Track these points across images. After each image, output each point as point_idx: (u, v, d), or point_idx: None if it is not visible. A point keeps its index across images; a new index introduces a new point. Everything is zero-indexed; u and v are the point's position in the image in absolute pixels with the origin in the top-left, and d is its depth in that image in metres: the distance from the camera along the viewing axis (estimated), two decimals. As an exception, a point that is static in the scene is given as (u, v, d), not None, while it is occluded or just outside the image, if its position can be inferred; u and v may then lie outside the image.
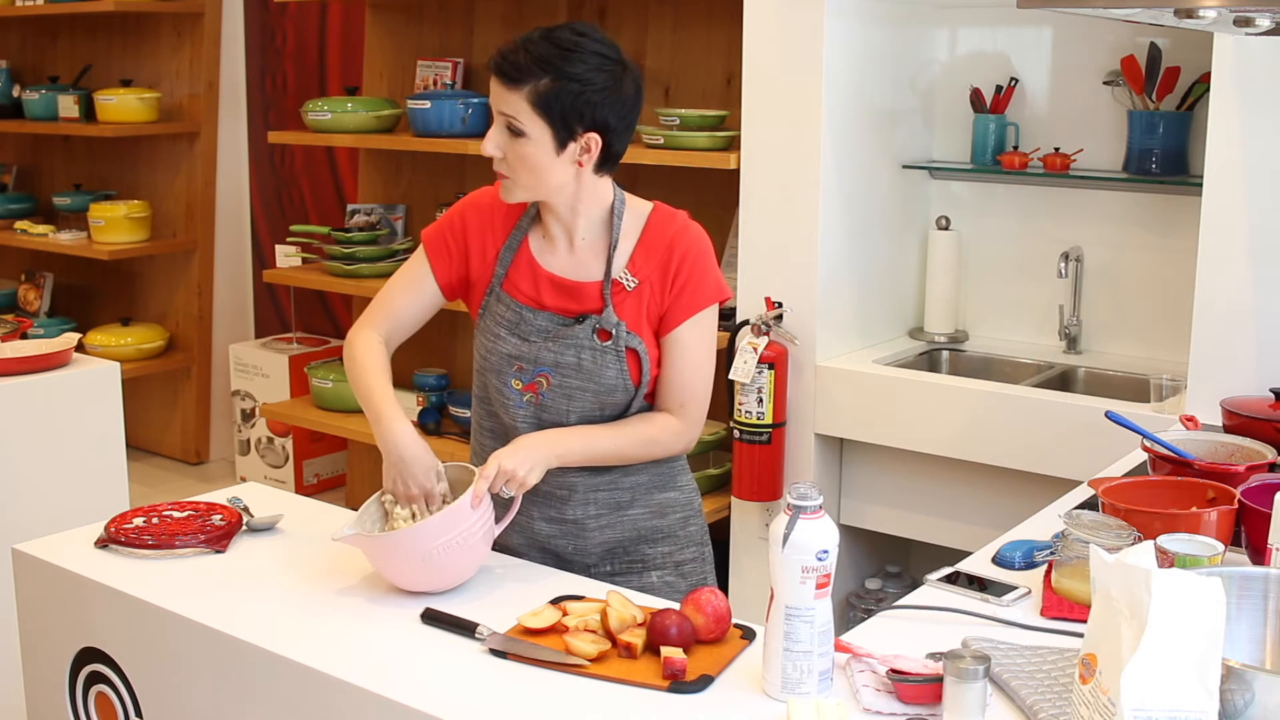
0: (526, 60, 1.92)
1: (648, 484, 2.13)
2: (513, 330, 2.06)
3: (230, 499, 2.21)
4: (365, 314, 2.15)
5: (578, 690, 1.60)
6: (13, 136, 6.02)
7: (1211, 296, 2.69)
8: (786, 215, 3.25)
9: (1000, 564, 1.96)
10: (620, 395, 2.05)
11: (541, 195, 2.02)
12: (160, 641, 1.86)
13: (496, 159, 1.99)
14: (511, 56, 1.94)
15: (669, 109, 3.68)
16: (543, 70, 1.92)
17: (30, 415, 3.08)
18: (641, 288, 2.04)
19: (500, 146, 1.97)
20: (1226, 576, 1.50)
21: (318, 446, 5.08)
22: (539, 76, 1.92)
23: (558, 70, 1.92)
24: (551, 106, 1.92)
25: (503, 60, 1.95)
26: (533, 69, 1.92)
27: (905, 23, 3.44)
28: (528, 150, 1.95)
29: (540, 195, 2.02)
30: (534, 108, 1.93)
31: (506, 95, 1.94)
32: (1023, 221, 3.51)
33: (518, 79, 1.93)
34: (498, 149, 1.97)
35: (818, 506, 1.52)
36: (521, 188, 2.00)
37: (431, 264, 2.12)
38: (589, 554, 2.12)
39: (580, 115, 1.94)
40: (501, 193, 2.03)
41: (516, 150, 1.96)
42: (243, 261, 5.60)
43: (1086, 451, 2.76)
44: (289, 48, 5.29)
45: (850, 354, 3.38)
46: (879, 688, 1.55)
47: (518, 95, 1.93)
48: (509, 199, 2.03)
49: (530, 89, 1.92)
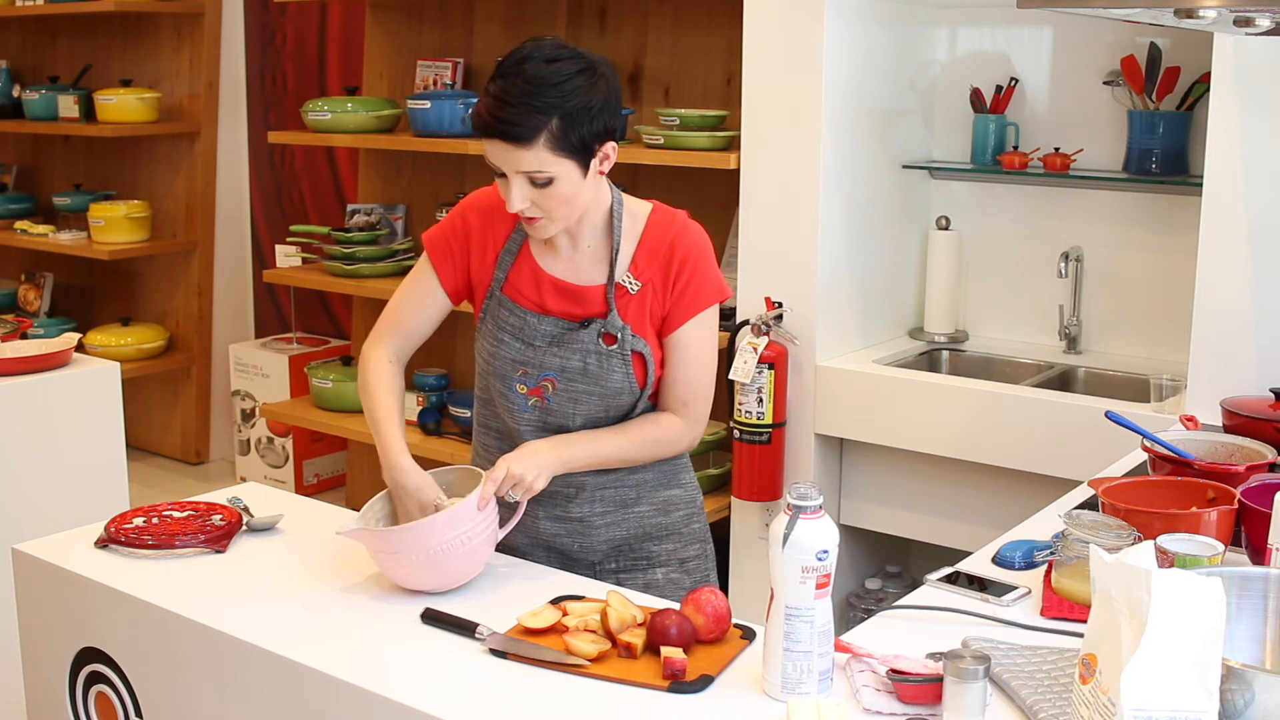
0: (527, 113, 1.87)
1: (653, 481, 2.14)
2: (517, 335, 2.06)
3: (230, 499, 2.21)
4: (376, 328, 2.15)
5: (578, 690, 1.60)
6: (13, 136, 6.02)
7: (1211, 296, 2.69)
8: (786, 215, 3.25)
9: (1000, 564, 1.96)
10: (626, 398, 2.05)
11: (576, 217, 2.00)
12: (160, 641, 1.87)
13: (525, 211, 1.95)
14: (509, 116, 1.87)
15: (669, 109, 3.68)
16: (548, 114, 1.88)
17: (30, 415, 3.08)
18: (644, 290, 2.04)
19: (528, 199, 1.94)
20: (1226, 576, 1.50)
21: (318, 446, 5.08)
22: (547, 121, 1.88)
23: (561, 108, 1.88)
24: (570, 141, 1.90)
25: (501, 124, 1.88)
26: (538, 119, 1.87)
27: (905, 23, 3.44)
28: (558, 190, 1.93)
29: (575, 218, 2.00)
30: (555, 153, 1.90)
31: (521, 155, 1.89)
32: (1023, 221, 3.51)
33: (529, 137, 1.88)
34: (525, 201, 1.94)
35: (818, 506, 1.52)
36: (559, 222, 1.98)
37: (436, 270, 2.12)
38: (594, 551, 2.13)
39: (595, 134, 1.93)
40: (536, 233, 2.00)
41: (547, 195, 1.93)
42: (243, 261, 5.60)
43: (1086, 451, 2.76)
44: (289, 48, 5.29)
45: (850, 354, 3.38)
46: (879, 688, 1.55)
47: (534, 150, 1.89)
48: (545, 235, 2.00)
49: (545, 138, 1.88)
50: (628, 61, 4.09)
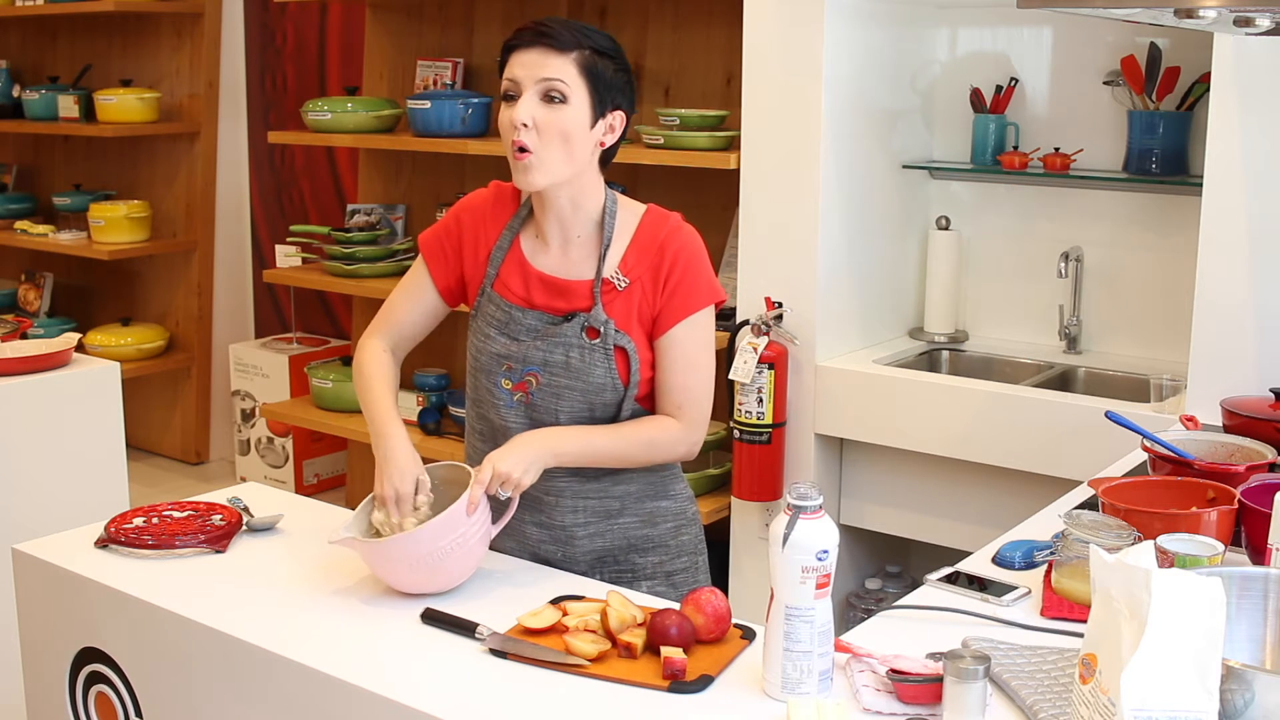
0: (568, 30, 1.97)
1: (638, 493, 2.12)
2: (502, 330, 2.06)
3: (230, 499, 2.21)
4: (372, 323, 2.16)
5: (578, 690, 1.60)
6: (13, 136, 6.02)
7: (1211, 296, 2.69)
8: (786, 215, 3.25)
9: (1000, 564, 1.96)
10: (609, 395, 2.03)
11: (564, 175, 1.98)
12: (160, 641, 1.87)
13: (522, 133, 1.95)
14: (549, 28, 1.96)
15: (669, 109, 3.68)
16: (584, 41, 1.97)
17: (30, 415, 3.08)
18: (632, 288, 2.03)
19: (533, 115, 1.95)
20: (1226, 576, 1.50)
21: (318, 446, 5.08)
22: (584, 44, 1.96)
23: (596, 44, 1.98)
24: (597, 75, 1.97)
25: (542, 29, 1.96)
26: (578, 35, 1.97)
27: (905, 23, 3.44)
28: (566, 117, 1.95)
29: (563, 175, 1.98)
30: (581, 72, 1.96)
31: (550, 60, 1.95)
32: (1023, 221, 3.51)
33: (566, 44, 1.95)
34: (531, 117, 1.95)
35: (818, 506, 1.52)
36: (548, 163, 1.96)
37: (430, 270, 2.13)
38: (577, 561, 2.11)
39: (616, 90, 2.00)
40: (522, 176, 1.98)
41: (553, 119, 1.95)
42: (243, 261, 5.60)
43: (1086, 451, 2.76)
44: (289, 48, 5.29)
45: (850, 354, 3.38)
46: (879, 688, 1.55)
47: (565, 59, 1.95)
48: (531, 181, 1.98)
49: (578, 54, 1.96)
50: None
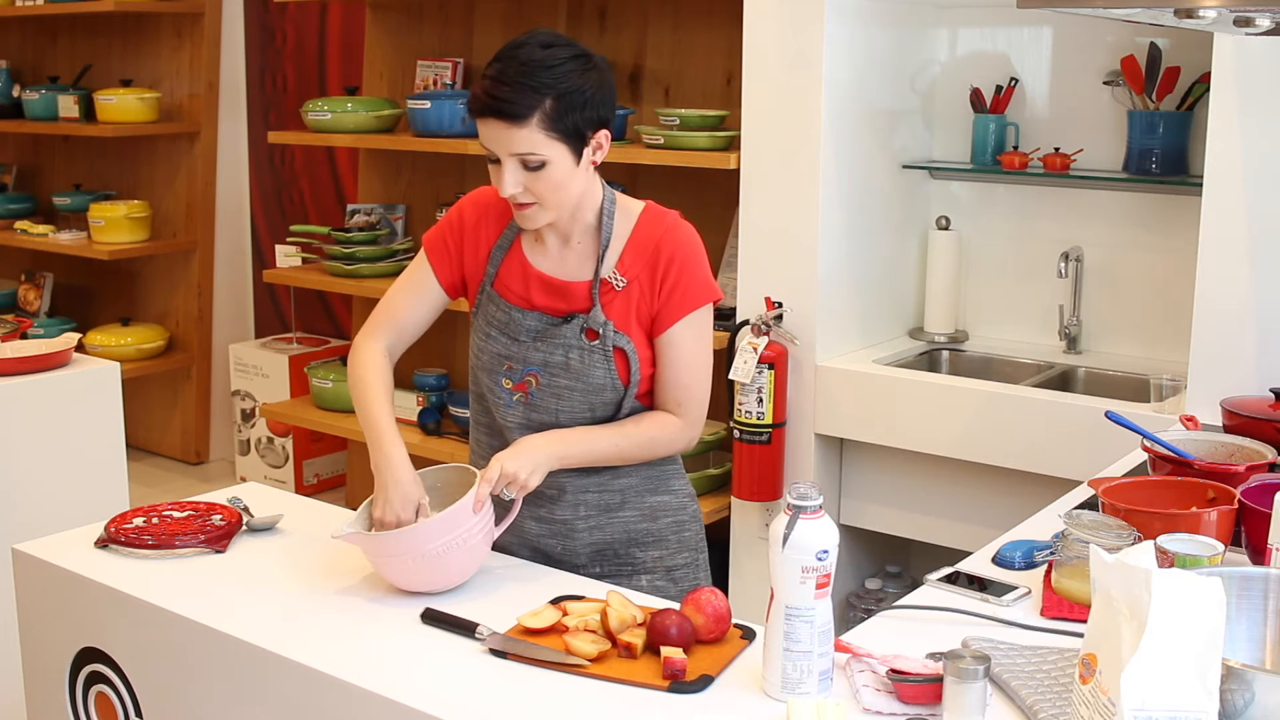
0: (522, 92, 1.88)
1: (639, 486, 2.12)
2: (503, 330, 2.07)
3: (230, 499, 2.21)
4: (369, 322, 2.14)
5: (578, 690, 1.60)
6: (13, 136, 6.02)
7: (1211, 296, 2.69)
8: (786, 215, 3.25)
9: (1000, 564, 1.96)
10: (609, 394, 2.04)
11: (568, 209, 2.00)
12: (160, 641, 1.87)
13: (517, 196, 1.95)
14: (504, 95, 1.88)
15: (669, 109, 3.68)
16: (542, 94, 1.89)
17: (30, 415, 3.08)
18: (630, 287, 2.04)
19: (520, 184, 1.93)
20: (1226, 576, 1.50)
21: (318, 446, 5.08)
22: (541, 102, 1.89)
23: (555, 88, 1.89)
24: (564, 123, 1.91)
25: (494, 102, 1.89)
26: (533, 98, 1.88)
27: (905, 23, 3.44)
28: (551, 175, 1.93)
29: (567, 209, 2.00)
30: (548, 133, 1.90)
31: (514, 134, 1.90)
32: (1023, 221, 3.51)
33: (523, 115, 1.89)
34: (518, 185, 1.93)
35: (818, 506, 1.52)
36: (549, 210, 1.98)
37: (433, 264, 2.12)
38: (578, 555, 2.12)
39: (588, 120, 1.93)
40: (527, 222, 1.99)
41: (539, 181, 1.93)
42: (243, 261, 5.60)
43: (1086, 451, 2.76)
44: (289, 48, 5.29)
45: (850, 354, 3.38)
46: (879, 688, 1.55)
47: (527, 130, 1.89)
48: (535, 224, 1.99)
49: (539, 118, 1.89)
50: (628, 61, 4.09)
